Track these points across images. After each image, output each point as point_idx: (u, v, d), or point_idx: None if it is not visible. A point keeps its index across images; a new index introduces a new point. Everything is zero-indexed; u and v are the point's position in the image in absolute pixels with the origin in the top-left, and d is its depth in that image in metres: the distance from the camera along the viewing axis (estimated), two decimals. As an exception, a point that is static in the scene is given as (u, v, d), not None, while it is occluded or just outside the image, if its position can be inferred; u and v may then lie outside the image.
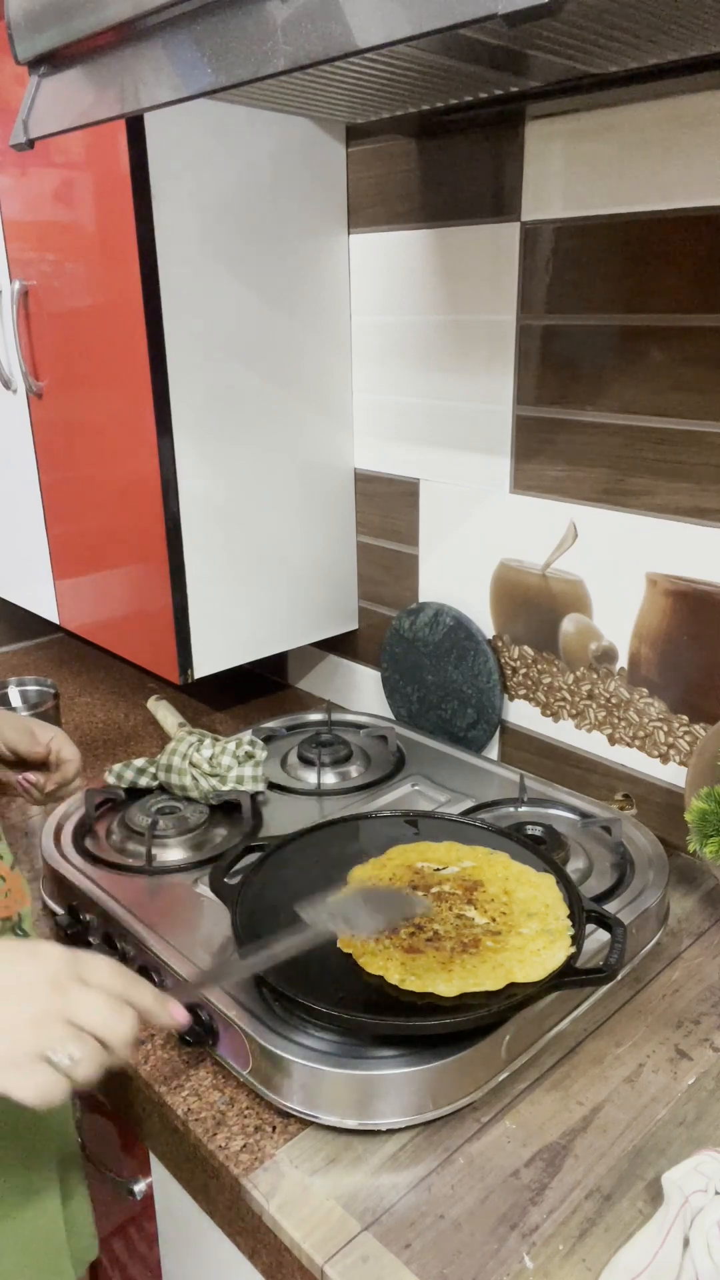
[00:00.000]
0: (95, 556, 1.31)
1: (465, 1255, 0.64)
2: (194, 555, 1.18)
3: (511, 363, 1.10)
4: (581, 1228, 0.65)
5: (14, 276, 1.24)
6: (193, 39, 0.68)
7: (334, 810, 1.09)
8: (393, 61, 0.82)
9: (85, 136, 1.05)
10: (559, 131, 0.98)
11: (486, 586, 1.22)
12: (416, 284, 1.18)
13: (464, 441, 1.19)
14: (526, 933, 0.79)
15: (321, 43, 0.61)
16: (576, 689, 1.15)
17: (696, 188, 0.90)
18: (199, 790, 1.09)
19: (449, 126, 1.09)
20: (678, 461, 0.99)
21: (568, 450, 1.08)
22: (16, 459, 1.38)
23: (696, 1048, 0.80)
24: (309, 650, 1.55)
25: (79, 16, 0.73)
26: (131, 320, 1.08)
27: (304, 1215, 0.66)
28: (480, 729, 1.26)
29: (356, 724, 1.31)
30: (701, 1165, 0.65)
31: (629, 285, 0.98)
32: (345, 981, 0.77)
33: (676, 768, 1.08)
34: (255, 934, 0.82)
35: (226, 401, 1.16)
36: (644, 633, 1.07)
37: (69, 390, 1.23)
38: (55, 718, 1.26)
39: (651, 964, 0.90)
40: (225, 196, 1.10)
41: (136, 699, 1.54)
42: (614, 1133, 0.72)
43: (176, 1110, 0.76)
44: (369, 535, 1.37)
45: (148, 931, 0.87)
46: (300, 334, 1.22)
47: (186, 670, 1.23)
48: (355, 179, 1.21)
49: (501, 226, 1.06)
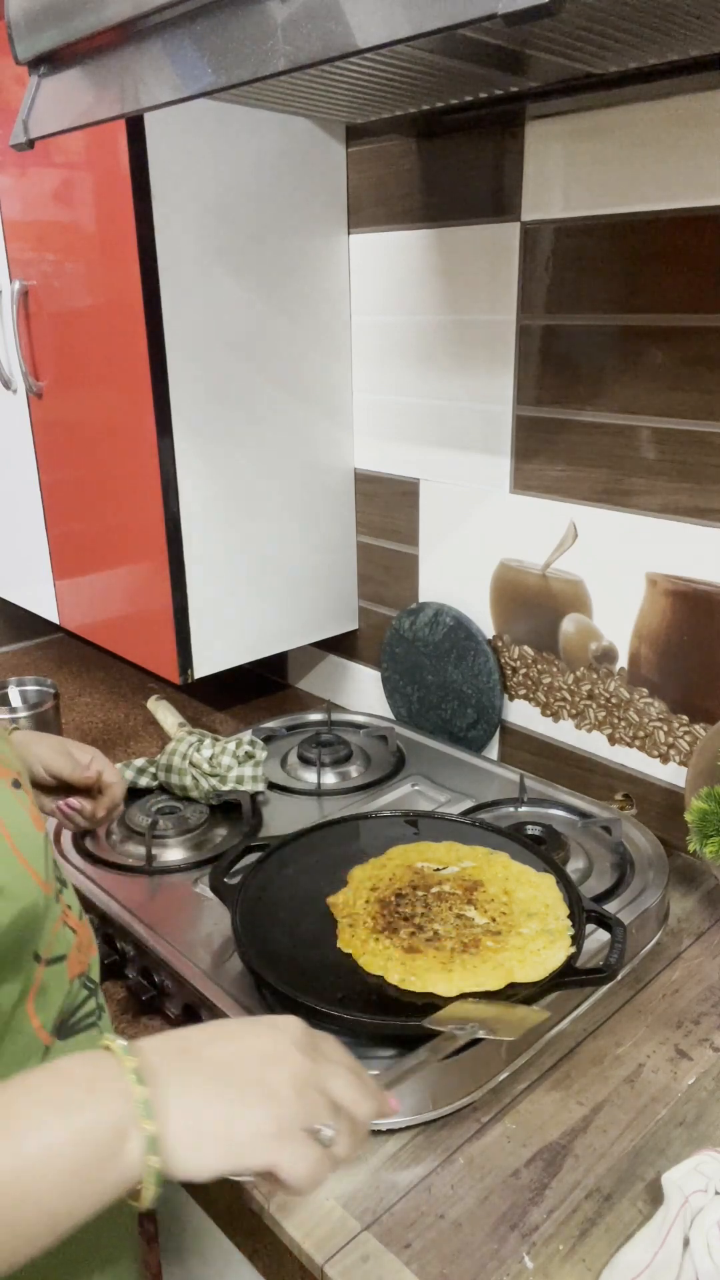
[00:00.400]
0: (95, 556, 1.31)
1: (465, 1255, 0.64)
2: (194, 555, 1.18)
3: (511, 363, 1.10)
4: (581, 1228, 0.65)
5: (14, 276, 1.24)
6: (193, 39, 0.68)
7: (334, 810, 1.09)
8: (393, 61, 0.82)
9: (85, 136, 1.05)
10: (559, 131, 0.98)
11: (486, 586, 1.22)
12: (416, 284, 1.18)
13: (464, 441, 1.19)
14: (526, 933, 0.79)
15: (321, 43, 0.61)
16: (576, 689, 1.15)
17: (696, 188, 0.90)
18: (199, 790, 1.09)
19: (449, 126, 1.08)
20: (678, 461, 0.99)
21: (568, 450, 1.08)
22: (16, 459, 1.38)
23: (696, 1048, 0.80)
24: (309, 650, 1.55)
25: (79, 16, 0.73)
26: (131, 320, 1.08)
27: (304, 1215, 0.66)
28: (480, 729, 1.26)
29: (356, 724, 1.31)
30: (701, 1165, 0.65)
31: (629, 285, 0.98)
32: (345, 981, 0.77)
33: (676, 768, 1.08)
34: (255, 934, 0.82)
35: (226, 401, 1.16)
36: (644, 633, 1.07)
37: (69, 390, 1.23)
38: (55, 718, 1.26)
39: (651, 964, 0.90)
40: (225, 196, 1.10)
41: (136, 699, 1.54)
42: (614, 1133, 0.72)
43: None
44: (369, 535, 1.37)
45: (148, 931, 0.87)
46: (300, 334, 1.22)
47: (186, 670, 1.23)
48: (355, 179, 1.21)
49: (501, 226, 1.06)
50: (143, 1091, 0.45)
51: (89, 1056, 0.48)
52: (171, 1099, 0.46)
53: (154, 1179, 0.45)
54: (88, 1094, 0.45)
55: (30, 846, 0.57)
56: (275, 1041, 0.51)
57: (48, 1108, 0.45)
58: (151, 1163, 0.45)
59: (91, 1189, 0.44)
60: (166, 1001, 0.84)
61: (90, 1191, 0.44)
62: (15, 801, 0.58)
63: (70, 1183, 0.44)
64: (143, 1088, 0.46)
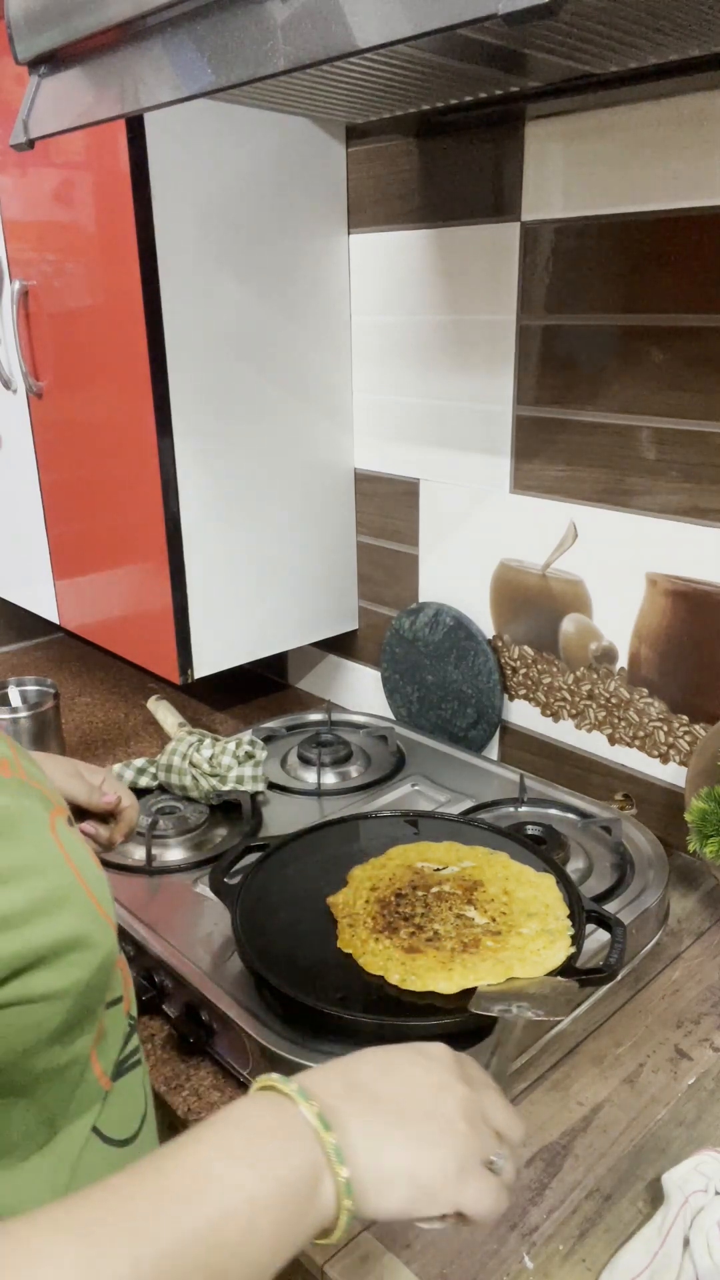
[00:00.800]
0: (95, 556, 1.31)
1: (465, 1255, 0.64)
2: (194, 555, 1.18)
3: (511, 363, 1.10)
4: (581, 1228, 0.65)
5: (14, 276, 1.24)
6: (193, 39, 0.68)
7: (334, 810, 1.09)
8: (393, 61, 0.82)
9: (85, 136, 1.05)
10: (559, 131, 0.98)
11: (486, 586, 1.22)
12: (416, 284, 1.18)
13: (464, 441, 1.19)
14: (526, 933, 0.79)
15: (321, 43, 0.61)
16: (576, 689, 1.15)
17: (696, 188, 0.90)
18: (199, 790, 1.09)
19: (449, 126, 1.08)
20: (678, 461, 0.99)
21: (568, 450, 1.08)
22: (16, 459, 1.38)
23: (696, 1048, 0.80)
24: (309, 650, 1.55)
25: (79, 16, 0.73)
26: (131, 320, 1.08)
27: (304, 1215, 0.66)
28: (480, 729, 1.26)
29: (356, 724, 1.31)
30: (701, 1165, 0.65)
31: (629, 285, 0.98)
32: (345, 981, 0.77)
33: (676, 768, 1.08)
34: (255, 934, 0.82)
35: (227, 401, 1.16)
36: (644, 633, 1.07)
37: (69, 390, 1.23)
38: (55, 718, 1.26)
39: (651, 964, 0.90)
40: (225, 196, 1.10)
41: (136, 699, 1.54)
42: (614, 1133, 0.72)
43: (176, 1110, 0.76)
44: (369, 535, 1.37)
45: (148, 932, 0.87)
46: (300, 334, 1.22)
47: (186, 670, 1.23)
48: (355, 179, 1.21)
49: (501, 226, 1.06)
50: (332, 1137, 0.45)
51: (263, 1102, 0.47)
52: (357, 1141, 0.46)
53: (346, 1219, 0.45)
54: (279, 1143, 0.44)
55: (101, 890, 0.56)
56: (437, 1071, 0.51)
57: (243, 1165, 0.43)
58: (346, 1205, 0.44)
59: (294, 1238, 0.44)
60: (166, 1001, 0.84)
61: (292, 1240, 0.44)
62: (78, 842, 0.57)
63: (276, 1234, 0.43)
64: (330, 1134, 0.45)
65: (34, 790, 0.56)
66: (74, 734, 1.43)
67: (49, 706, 1.24)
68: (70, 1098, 0.55)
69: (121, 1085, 0.59)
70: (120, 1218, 0.40)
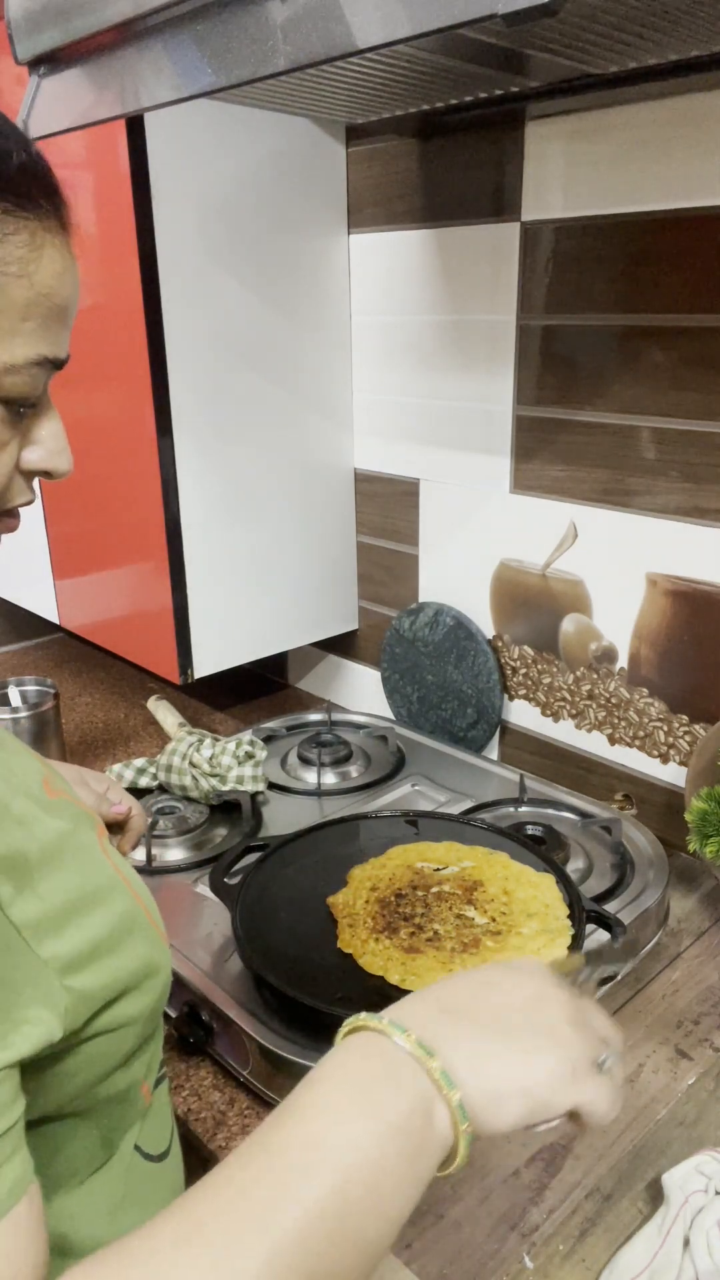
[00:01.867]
0: (95, 556, 1.31)
1: (465, 1255, 0.63)
2: (194, 555, 1.18)
3: (511, 363, 1.10)
4: (581, 1228, 0.65)
5: (14, 276, 1.24)
6: (193, 39, 0.68)
7: (334, 810, 1.09)
8: (393, 61, 0.82)
9: (85, 136, 1.05)
10: (559, 131, 0.98)
11: (486, 586, 1.22)
12: (416, 284, 1.18)
13: (464, 441, 1.19)
14: (526, 933, 0.79)
15: (321, 43, 0.61)
16: (576, 689, 1.15)
17: (696, 188, 0.90)
18: (199, 790, 1.09)
19: (449, 126, 1.09)
20: (678, 461, 0.99)
21: (568, 450, 1.08)
22: (16, 459, 1.38)
23: (696, 1048, 0.80)
24: (309, 650, 1.55)
25: (79, 16, 0.73)
26: (131, 320, 1.08)
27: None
28: (480, 729, 1.26)
29: (356, 724, 1.31)
30: (701, 1165, 0.65)
31: (629, 285, 0.98)
32: (345, 981, 0.77)
33: (676, 768, 1.08)
34: (255, 934, 0.82)
35: (226, 401, 1.16)
36: (644, 633, 1.07)
37: (69, 390, 1.23)
38: (55, 718, 1.26)
39: (651, 964, 0.90)
40: (225, 196, 1.10)
41: (136, 699, 1.54)
42: (614, 1133, 0.72)
43: (176, 1110, 0.75)
44: (369, 535, 1.37)
45: (148, 931, 0.87)
46: (300, 334, 1.22)
47: (186, 670, 1.22)
48: (355, 179, 1.21)
49: (501, 226, 1.06)
50: (436, 1062, 0.44)
51: (361, 1046, 0.45)
52: (462, 1061, 0.44)
53: (466, 1143, 0.44)
54: (383, 1087, 0.43)
55: (154, 909, 0.56)
56: (532, 983, 0.50)
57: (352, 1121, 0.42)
58: (464, 1129, 0.43)
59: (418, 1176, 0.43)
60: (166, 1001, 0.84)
61: (418, 1179, 0.43)
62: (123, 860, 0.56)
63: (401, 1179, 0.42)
64: (434, 1059, 0.44)
65: (79, 810, 0.55)
66: (74, 734, 1.43)
67: (49, 707, 1.24)
68: (124, 1117, 0.55)
69: (157, 1097, 0.59)
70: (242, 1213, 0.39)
